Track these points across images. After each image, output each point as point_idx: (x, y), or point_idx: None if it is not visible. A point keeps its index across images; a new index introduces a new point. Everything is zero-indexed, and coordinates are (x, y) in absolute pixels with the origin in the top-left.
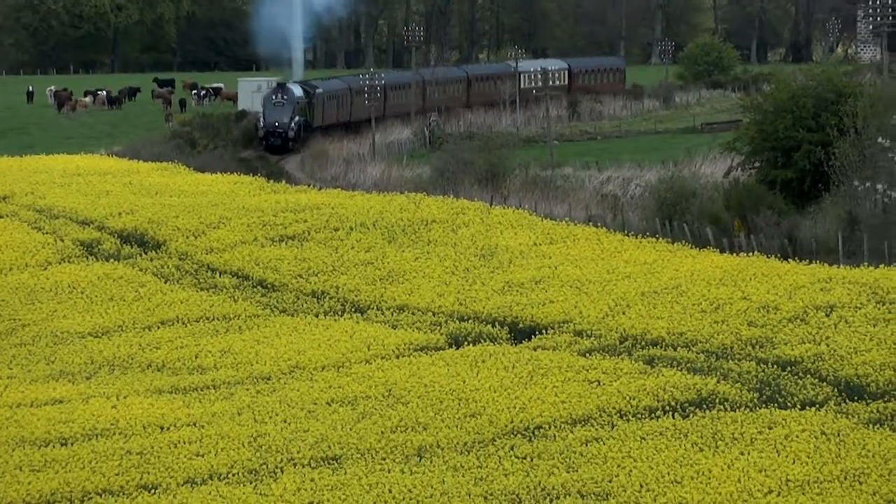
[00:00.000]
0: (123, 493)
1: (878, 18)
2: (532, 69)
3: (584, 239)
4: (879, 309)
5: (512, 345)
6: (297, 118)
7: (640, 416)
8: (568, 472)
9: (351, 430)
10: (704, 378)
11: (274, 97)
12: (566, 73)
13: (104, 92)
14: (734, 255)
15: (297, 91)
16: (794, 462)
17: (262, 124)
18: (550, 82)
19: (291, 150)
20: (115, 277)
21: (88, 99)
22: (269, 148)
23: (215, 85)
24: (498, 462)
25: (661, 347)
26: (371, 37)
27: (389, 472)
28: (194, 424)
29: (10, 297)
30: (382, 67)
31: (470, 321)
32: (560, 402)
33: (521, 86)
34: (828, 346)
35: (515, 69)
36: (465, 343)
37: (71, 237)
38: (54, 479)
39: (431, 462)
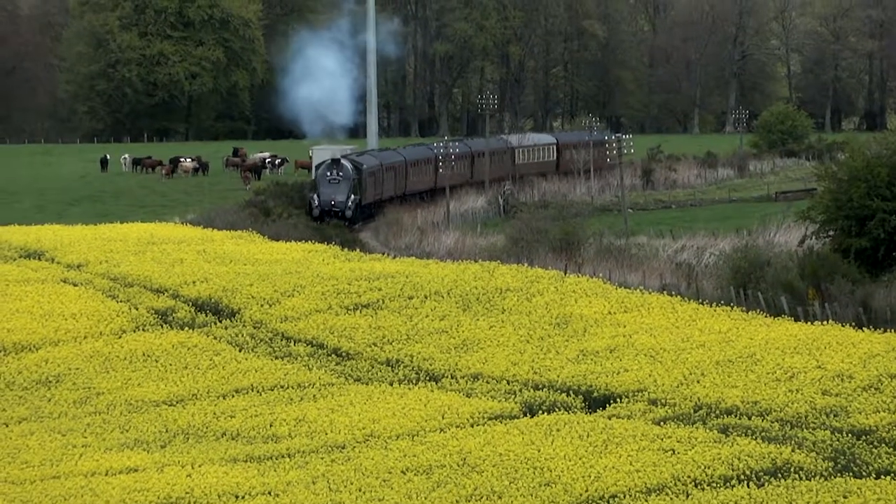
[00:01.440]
0: None
1: None
2: (524, 144)
3: (658, 307)
4: None
5: (586, 413)
6: (353, 196)
7: (714, 485)
8: None
9: (426, 499)
10: (779, 447)
11: (329, 174)
12: (554, 148)
13: (188, 160)
14: (809, 323)
15: (352, 167)
16: None
17: (316, 203)
18: (540, 158)
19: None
20: (190, 346)
21: (192, 164)
22: None
23: (261, 154)
24: None
25: (736, 416)
26: (445, 105)
27: None
28: (269, 493)
29: (84, 365)
30: (457, 135)
31: (544, 390)
32: (635, 471)
33: (517, 161)
34: None
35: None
36: (540, 411)
37: (145, 305)
38: None
39: None
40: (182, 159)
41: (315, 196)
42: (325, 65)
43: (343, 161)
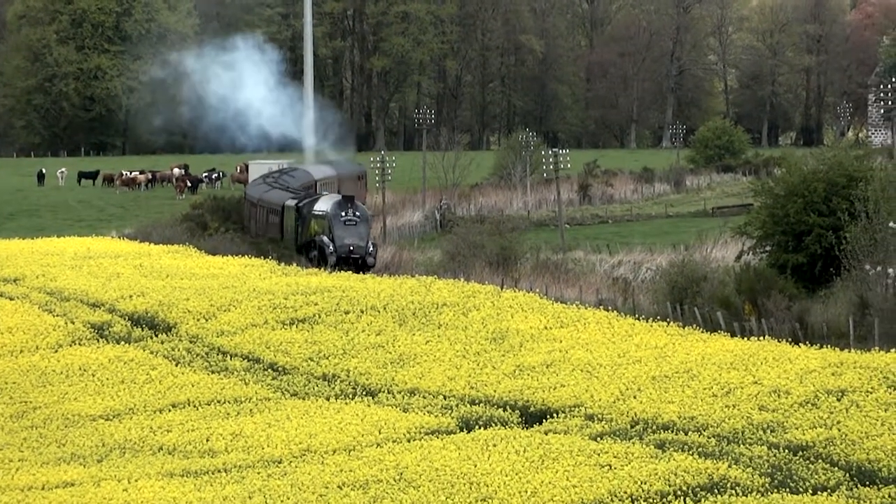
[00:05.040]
0: None
1: (890, 103)
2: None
3: (594, 322)
4: (891, 393)
5: (523, 428)
6: (371, 241)
7: (651, 500)
8: None
9: None
10: (716, 462)
11: (343, 214)
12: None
13: (133, 173)
14: (745, 339)
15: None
16: None
17: (331, 249)
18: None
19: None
20: (126, 360)
21: (144, 176)
22: None
23: (177, 169)
24: None
25: (673, 431)
26: (382, 120)
27: None
28: None
29: (21, 379)
30: (393, 151)
31: (481, 405)
32: (571, 487)
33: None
34: (839, 430)
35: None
36: (476, 427)
37: (82, 319)
38: None
39: None
40: (128, 173)
41: (326, 239)
42: (259, 80)
43: (357, 200)
